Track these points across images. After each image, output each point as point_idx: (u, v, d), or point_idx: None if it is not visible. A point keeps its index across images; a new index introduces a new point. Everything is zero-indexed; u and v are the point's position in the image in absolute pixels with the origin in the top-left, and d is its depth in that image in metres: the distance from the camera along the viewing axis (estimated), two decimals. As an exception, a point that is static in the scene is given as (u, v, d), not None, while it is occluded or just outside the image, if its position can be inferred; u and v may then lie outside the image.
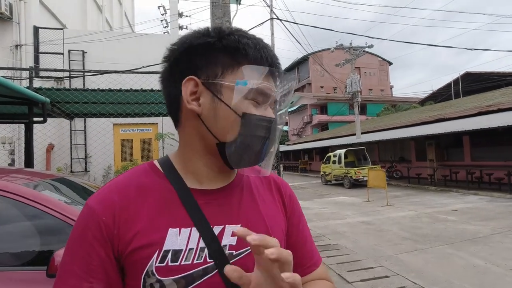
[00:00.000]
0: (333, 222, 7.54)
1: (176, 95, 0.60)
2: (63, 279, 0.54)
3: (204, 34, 0.60)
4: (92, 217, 0.55)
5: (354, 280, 3.93)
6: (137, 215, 0.56)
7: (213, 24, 4.96)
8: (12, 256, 1.52)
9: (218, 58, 0.57)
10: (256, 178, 0.70)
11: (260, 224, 0.62)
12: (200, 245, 0.56)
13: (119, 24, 16.65)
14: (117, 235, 0.54)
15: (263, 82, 0.58)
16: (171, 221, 0.56)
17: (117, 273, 0.55)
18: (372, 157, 18.13)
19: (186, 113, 0.60)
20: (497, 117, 11.54)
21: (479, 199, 9.90)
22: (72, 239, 0.56)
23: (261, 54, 0.59)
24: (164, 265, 0.53)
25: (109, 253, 0.54)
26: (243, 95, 0.56)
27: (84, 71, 6.93)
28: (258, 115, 0.58)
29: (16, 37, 8.27)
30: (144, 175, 0.61)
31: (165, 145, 8.71)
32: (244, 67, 0.57)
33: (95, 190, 2.39)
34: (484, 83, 23.38)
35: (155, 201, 0.58)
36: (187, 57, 0.59)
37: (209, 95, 0.57)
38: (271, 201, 0.68)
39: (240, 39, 0.58)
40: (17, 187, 1.62)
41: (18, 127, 7.49)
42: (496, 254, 4.67)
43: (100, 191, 0.59)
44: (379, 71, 46.25)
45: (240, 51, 0.57)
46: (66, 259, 0.55)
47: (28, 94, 3.50)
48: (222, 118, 0.57)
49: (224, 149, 0.58)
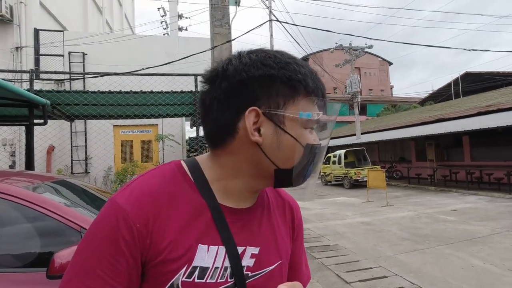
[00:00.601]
0: (333, 222, 7.55)
1: (228, 122, 0.59)
2: (81, 279, 0.51)
3: (263, 63, 0.59)
4: (124, 220, 0.53)
5: (352, 280, 3.95)
6: (168, 225, 0.55)
7: (213, 26, 4.99)
8: (12, 258, 1.55)
9: (279, 89, 0.58)
10: (272, 196, 0.73)
11: (274, 248, 0.66)
12: (224, 264, 0.57)
13: (119, 26, 16.70)
14: (148, 244, 0.53)
15: (322, 113, 0.62)
16: (200, 236, 0.57)
17: (139, 279, 0.54)
18: (372, 158, 18.15)
19: (241, 141, 0.59)
20: (497, 117, 11.54)
21: (479, 199, 9.91)
22: (97, 238, 0.53)
23: (317, 84, 0.61)
24: (191, 281, 0.54)
25: (137, 260, 0.53)
26: (304, 126, 0.60)
27: (85, 73, 6.97)
28: (317, 144, 0.62)
29: (17, 39, 8.32)
30: (175, 181, 0.60)
31: (165, 146, 8.73)
32: (307, 99, 0.60)
33: (95, 192, 2.42)
34: (484, 83, 23.38)
35: (185, 212, 0.57)
36: (246, 87, 0.58)
37: (272, 125, 0.58)
38: (283, 224, 0.72)
39: (299, 69, 0.60)
40: (18, 190, 1.65)
41: (19, 129, 7.52)
42: (494, 254, 4.68)
43: (130, 191, 0.56)
44: (379, 71, 46.25)
45: (301, 82, 0.59)
46: (87, 258, 0.52)
47: (29, 97, 3.54)
48: (286, 148, 0.58)
49: (281, 174, 0.60)
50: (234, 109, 0.58)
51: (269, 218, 0.68)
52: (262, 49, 0.63)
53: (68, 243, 1.54)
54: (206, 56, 5.40)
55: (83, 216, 1.69)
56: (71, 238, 1.58)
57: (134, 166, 8.57)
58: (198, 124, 5.55)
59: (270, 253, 0.64)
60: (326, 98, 0.64)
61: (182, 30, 19.21)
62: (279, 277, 0.66)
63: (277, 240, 0.67)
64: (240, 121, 0.58)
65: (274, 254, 0.65)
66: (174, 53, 8.87)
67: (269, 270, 0.63)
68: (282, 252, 0.68)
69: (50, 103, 4.21)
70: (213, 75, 0.61)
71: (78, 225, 1.60)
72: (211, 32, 5.02)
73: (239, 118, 0.58)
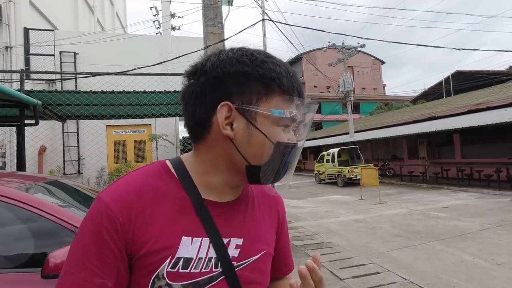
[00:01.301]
0: (326, 220, 7.62)
1: (204, 116, 0.62)
2: (72, 273, 0.54)
3: (238, 60, 0.61)
4: (107, 215, 0.55)
5: (346, 277, 4.00)
6: (152, 219, 0.57)
7: (206, 25, 4.99)
8: (7, 259, 1.55)
9: (253, 86, 0.60)
10: (257, 191, 0.76)
11: (258, 239, 0.69)
12: (208, 255, 0.60)
13: (111, 25, 16.54)
14: (131, 236, 0.56)
15: (295, 111, 0.62)
16: (184, 229, 0.59)
17: (127, 272, 0.57)
18: (365, 156, 18.32)
19: (216, 135, 0.61)
20: (486, 115, 11.76)
21: (469, 195, 10.09)
22: (84, 233, 0.56)
23: (292, 83, 0.62)
24: (175, 271, 0.57)
25: (122, 252, 0.56)
26: (276, 123, 0.60)
27: (76, 73, 6.90)
28: (288, 143, 0.62)
29: (6, 38, 8.19)
30: (159, 178, 0.63)
31: (158, 146, 8.70)
32: (279, 97, 0.61)
33: (88, 193, 2.42)
34: (474, 81, 23.77)
35: (170, 207, 0.60)
36: (221, 83, 0.60)
37: (243, 121, 0.60)
38: (268, 216, 0.75)
39: (274, 68, 0.61)
40: (10, 191, 1.65)
41: (10, 129, 7.42)
42: (484, 249, 4.79)
43: (115, 188, 0.59)
44: (372, 70, 46.62)
45: (275, 80, 0.60)
46: (76, 253, 0.56)
47: (20, 97, 3.50)
48: (256, 144, 0.60)
49: (251, 170, 0.61)
50: (209, 104, 0.61)
51: (253, 211, 0.71)
52: (243, 47, 0.65)
53: (62, 243, 1.54)
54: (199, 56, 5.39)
55: (76, 216, 1.69)
56: (65, 238, 1.59)
57: (127, 166, 8.52)
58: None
59: (254, 243, 0.67)
60: (302, 98, 0.64)
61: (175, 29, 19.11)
62: (264, 265, 0.69)
63: (261, 231, 0.70)
64: (214, 116, 0.60)
65: (258, 244, 0.68)
66: (167, 53, 8.84)
67: (253, 259, 0.66)
68: (266, 243, 0.71)
69: (41, 103, 4.17)
70: (193, 71, 0.64)
71: (72, 225, 1.61)
72: (204, 32, 5.02)
73: (214, 112, 0.60)
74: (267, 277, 0.70)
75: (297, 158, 0.66)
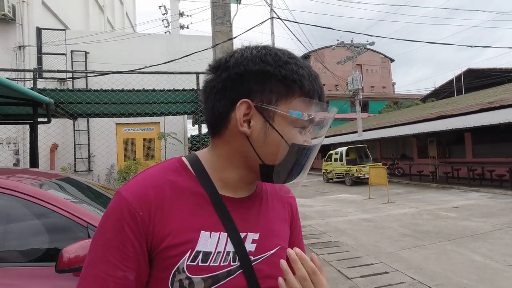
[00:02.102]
0: (334, 219, 7.59)
1: (223, 111, 0.62)
2: (95, 266, 0.56)
3: (262, 59, 0.61)
4: (128, 210, 0.57)
5: (354, 276, 3.99)
6: (171, 214, 0.59)
7: (214, 24, 5.01)
8: (23, 253, 1.59)
9: (274, 86, 0.60)
10: (270, 188, 0.76)
11: (273, 234, 0.70)
12: (226, 249, 0.61)
13: (120, 25, 16.71)
14: (152, 231, 0.57)
15: (313, 114, 0.62)
16: (202, 223, 0.60)
17: (147, 265, 0.58)
18: (374, 155, 18.15)
19: (233, 131, 0.62)
20: (499, 113, 11.51)
21: (481, 196, 9.91)
22: (105, 228, 0.58)
23: (314, 86, 0.62)
24: (195, 264, 0.58)
25: (143, 246, 0.57)
26: (294, 125, 0.61)
27: (87, 72, 7.01)
28: (304, 145, 0.61)
29: (19, 38, 8.36)
30: (177, 174, 0.64)
31: (167, 144, 8.77)
32: (299, 99, 0.60)
33: (99, 189, 2.47)
34: (486, 79, 23.28)
35: (188, 203, 0.61)
36: (242, 80, 0.61)
37: (261, 119, 0.60)
38: (282, 213, 0.76)
39: (297, 69, 0.61)
40: (26, 187, 1.69)
41: (23, 127, 7.58)
42: (495, 250, 4.71)
43: (134, 184, 0.61)
44: (381, 68, 46.08)
45: (297, 82, 0.60)
46: (98, 247, 0.57)
47: (33, 95, 3.58)
48: (271, 144, 0.60)
49: (265, 169, 0.62)
50: (229, 99, 0.61)
51: (267, 207, 0.72)
52: (268, 46, 0.65)
53: (75, 238, 1.58)
54: (208, 54, 5.42)
55: (89, 212, 1.73)
56: (78, 234, 1.63)
57: (136, 164, 8.62)
58: (200, 122, 5.58)
59: (270, 238, 0.68)
60: (322, 101, 0.64)
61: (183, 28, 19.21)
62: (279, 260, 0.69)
63: (276, 226, 0.71)
64: (233, 112, 0.61)
65: (274, 239, 0.69)
66: (175, 51, 8.90)
67: (269, 254, 0.67)
68: (281, 238, 0.72)
69: (53, 102, 4.25)
70: (217, 65, 0.65)
71: (85, 221, 1.64)
72: (212, 30, 5.04)
73: (233, 109, 0.61)
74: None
75: (312, 160, 0.65)
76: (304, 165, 0.64)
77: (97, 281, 0.55)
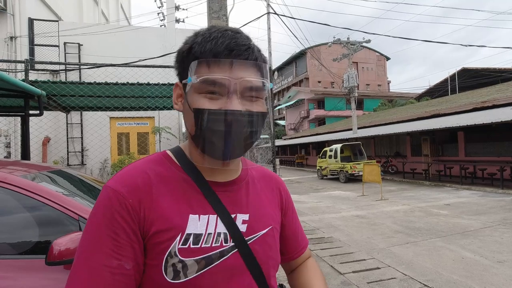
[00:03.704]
0: (328, 215, 7.64)
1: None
2: (88, 257, 0.54)
3: (184, 41, 0.65)
4: (117, 199, 0.57)
5: (346, 271, 4.02)
6: (159, 201, 0.59)
7: (210, 18, 4.96)
8: (12, 245, 1.57)
9: (185, 62, 0.62)
10: (258, 174, 0.77)
11: (263, 215, 0.70)
12: (217, 230, 0.61)
13: (115, 17, 16.48)
14: (143, 217, 0.57)
15: (206, 74, 0.57)
16: (190, 208, 0.61)
17: (142, 253, 0.57)
18: (368, 152, 18.27)
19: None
20: (491, 113, 11.64)
21: (472, 194, 10.05)
22: (96, 219, 0.57)
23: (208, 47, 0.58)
24: (187, 247, 0.58)
25: (137, 233, 0.57)
26: (197, 91, 0.59)
27: (80, 64, 6.91)
28: (209, 109, 0.57)
29: (11, 29, 8.20)
30: (161, 165, 0.65)
31: (161, 138, 8.72)
32: (192, 64, 0.59)
33: (92, 183, 2.44)
34: (480, 79, 23.49)
35: (174, 188, 0.62)
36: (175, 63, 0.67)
37: (183, 95, 0.65)
38: (270, 195, 0.76)
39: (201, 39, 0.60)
40: (16, 179, 1.66)
41: (14, 119, 7.47)
42: (485, 247, 4.79)
43: (121, 175, 0.61)
44: (376, 66, 46.22)
45: (194, 48, 0.60)
46: (89, 239, 0.56)
47: (24, 87, 3.51)
48: (186, 114, 0.63)
49: (196, 142, 0.62)
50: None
51: (255, 189, 0.73)
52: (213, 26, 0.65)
53: (66, 231, 1.56)
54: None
55: (80, 205, 1.71)
56: (69, 227, 1.61)
57: (130, 158, 8.56)
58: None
59: (260, 219, 0.69)
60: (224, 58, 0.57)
61: (179, 22, 19.00)
62: (272, 240, 0.70)
63: (265, 207, 0.72)
64: None
65: (264, 220, 0.70)
66: (171, 45, 8.81)
67: (261, 234, 0.67)
68: (272, 218, 0.72)
69: (45, 94, 4.18)
70: None
71: (76, 214, 1.63)
72: (208, 24, 4.99)
73: None
74: (276, 253, 0.71)
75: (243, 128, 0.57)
76: (230, 134, 0.57)
77: (90, 272, 0.53)
